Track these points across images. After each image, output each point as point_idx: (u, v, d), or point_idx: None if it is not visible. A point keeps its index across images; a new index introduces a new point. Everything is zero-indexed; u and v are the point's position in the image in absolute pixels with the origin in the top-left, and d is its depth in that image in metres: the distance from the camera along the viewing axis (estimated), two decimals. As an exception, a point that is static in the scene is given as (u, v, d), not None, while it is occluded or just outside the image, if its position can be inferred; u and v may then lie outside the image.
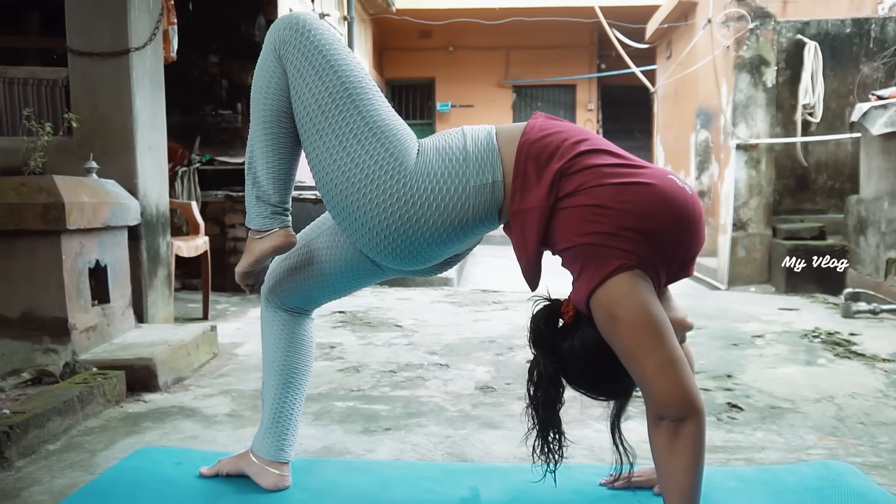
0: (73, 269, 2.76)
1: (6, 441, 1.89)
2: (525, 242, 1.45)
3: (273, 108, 1.54)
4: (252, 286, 1.72)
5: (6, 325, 2.72)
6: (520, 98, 11.65)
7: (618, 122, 11.86)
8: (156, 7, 3.50)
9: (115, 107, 3.28)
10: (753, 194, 5.66)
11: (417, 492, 1.74)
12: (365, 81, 1.50)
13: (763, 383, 2.78)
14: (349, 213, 1.47)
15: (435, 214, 1.44)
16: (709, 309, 4.56)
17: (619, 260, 1.35)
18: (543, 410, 1.53)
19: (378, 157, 1.44)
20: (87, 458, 1.99)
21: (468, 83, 11.45)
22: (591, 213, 1.37)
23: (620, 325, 1.35)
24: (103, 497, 1.70)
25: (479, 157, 1.46)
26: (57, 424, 2.13)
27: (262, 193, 1.59)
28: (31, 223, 2.64)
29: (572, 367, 1.50)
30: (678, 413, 1.33)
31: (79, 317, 2.78)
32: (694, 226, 1.41)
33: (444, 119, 11.64)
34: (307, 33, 1.49)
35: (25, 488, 1.77)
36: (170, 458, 1.94)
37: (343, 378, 2.91)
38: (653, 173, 1.41)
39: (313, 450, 2.09)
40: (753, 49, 5.65)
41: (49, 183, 2.67)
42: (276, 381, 1.78)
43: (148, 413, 2.42)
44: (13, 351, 2.69)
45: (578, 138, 1.45)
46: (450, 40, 11.34)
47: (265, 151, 1.57)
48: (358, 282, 1.74)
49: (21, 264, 2.70)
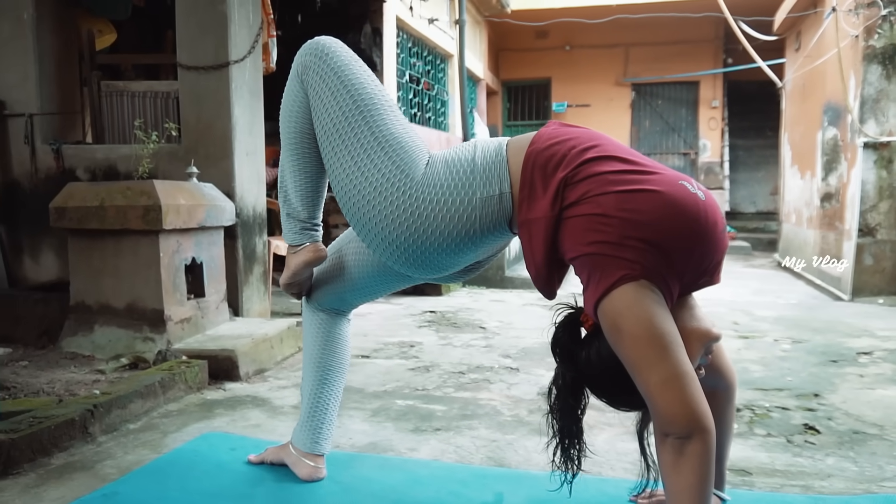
0: (170, 265, 3.03)
1: (90, 418, 2.12)
2: (533, 252, 1.44)
3: (297, 130, 1.64)
4: (298, 294, 1.83)
5: (113, 314, 3.04)
6: (639, 96, 11.25)
7: (746, 120, 11.15)
8: (255, 22, 3.75)
9: (216, 116, 3.54)
10: (883, 197, 5.15)
11: (443, 493, 1.76)
12: (377, 99, 1.55)
13: (853, 405, 2.55)
14: (364, 225, 1.53)
15: (441, 225, 1.46)
16: (818, 321, 4.22)
17: (622, 270, 1.31)
18: (563, 419, 1.52)
19: (386, 172, 1.49)
20: (159, 438, 2.19)
21: (585, 82, 11.22)
22: (595, 223, 1.34)
23: (625, 337, 1.31)
24: (160, 475, 1.86)
25: (487, 169, 1.47)
26: (138, 406, 2.35)
27: (292, 210, 1.70)
28: (133, 223, 2.92)
29: (589, 376, 1.47)
30: (682, 430, 1.27)
31: (174, 309, 3.04)
32: (707, 234, 1.34)
33: (561, 119, 11.49)
34: (325, 57, 1.58)
35: (100, 461, 1.98)
36: (226, 444, 2.09)
37: (411, 377, 2.99)
38: (661, 179, 1.35)
39: (360, 445, 2.17)
40: (886, 38, 5.14)
41: (149, 187, 2.95)
42: (313, 378, 1.87)
43: (223, 401, 2.61)
44: (118, 338, 2.99)
45: (587, 145, 1.42)
46: (566, 39, 11.17)
47: (293, 171, 1.67)
48: (386, 286, 1.80)
49: (126, 260, 3.00)
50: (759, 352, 3.41)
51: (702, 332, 1.42)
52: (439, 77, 8.14)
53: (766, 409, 2.51)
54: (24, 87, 3.81)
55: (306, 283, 1.83)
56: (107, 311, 3.04)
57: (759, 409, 2.51)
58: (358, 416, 2.45)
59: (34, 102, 3.81)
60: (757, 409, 2.51)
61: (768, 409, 2.52)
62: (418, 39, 7.26)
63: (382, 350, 3.50)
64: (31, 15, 3.78)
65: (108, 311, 3.04)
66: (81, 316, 3.07)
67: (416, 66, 7.30)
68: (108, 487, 1.77)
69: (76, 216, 2.98)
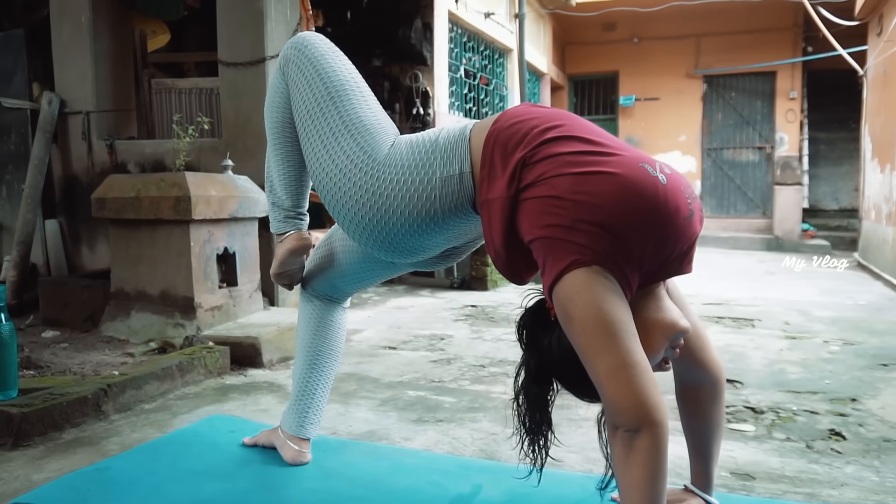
0: (201, 254, 3.13)
1: (104, 397, 2.22)
2: (492, 234, 1.40)
3: (279, 121, 1.67)
4: (289, 285, 1.86)
5: (149, 301, 3.17)
6: (711, 88, 10.80)
7: (827, 112, 10.52)
8: (293, 18, 3.83)
9: (253, 110, 3.64)
10: (966, 191, 4.75)
11: (422, 482, 1.75)
12: (348, 85, 1.55)
13: (891, 412, 2.36)
14: (336, 209, 1.53)
15: (402, 205, 1.45)
16: (882, 323, 3.94)
17: (573, 255, 1.25)
18: (529, 408, 1.47)
19: (351, 154, 1.49)
20: (168, 419, 2.27)
21: (654, 75, 10.86)
22: (549, 205, 1.29)
23: (574, 324, 1.26)
24: (155, 453, 1.92)
25: (448, 149, 1.45)
26: (154, 388, 2.44)
27: (276, 199, 1.73)
28: (165, 213, 3.04)
29: (552, 364, 1.42)
30: (630, 422, 1.21)
31: (204, 297, 3.14)
32: (666, 220, 1.25)
33: (628, 113, 11.18)
34: (304, 49, 1.60)
35: (106, 438, 2.07)
36: (227, 426, 2.14)
37: (431, 369, 2.98)
38: (620, 161, 1.28)
39: (357, 433, 2.18)
40: (970, 18, 4.73)
41: (181, 178, 3.06)
42: (303, 362, 1.89)
43: (240, 386, 2.68)
44: (151, 324, 3.12)
45: (550, 125, 1.36)
46: (634, 31, 10.85)
47: (277, 161, 1.70)
48: (374, 273, 1.80)
49: (160, 249, 3.12)
50: (802, 353, 3.21)
51: (666, 324, 1.34)
52: (497, 72, 8.08)
53: (792, 413, 2.36)
54: (81, 86, 4.03)
55: (297, 274, 1.85)
56: (143, 298, 3.18)
57: (785, 413, 2.36)
58: (365, 405, 2.46)
59: (91, 101, 4.03)
60: (782, 413, 2.36)
61: (795, 412, 2.37)
62: (474, 34, 7.23)
63: (411, 342, 3.51)
64: (88, 18, 3.99)
65: (144, 297, 3.18)
66: (120, 302, 3.22)
67: (471, 61, 7.27)
68: (103, 462, 1.85)
69: (115, 206, 3.13)
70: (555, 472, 1.78)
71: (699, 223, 1.34)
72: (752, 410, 2.39)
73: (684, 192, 1.29)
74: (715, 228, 10.20)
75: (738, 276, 6.51)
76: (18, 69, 4.17)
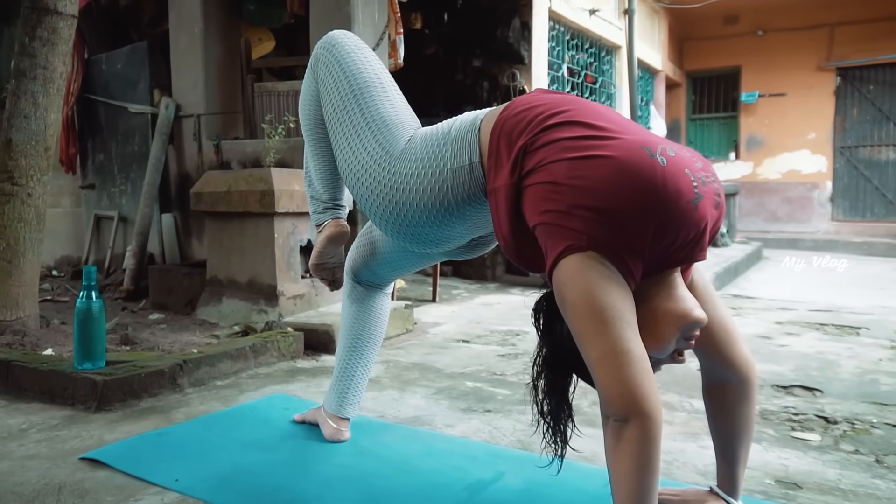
0: (285, 245, 3.33)
1: (179, 371, 2.43)
2: (499, 222, 1.41)
3: (312, 118, 1.77)
4: (332, 282, 1.95)
5: (238, 288, 3.41)
6: (845, 82, 9.95)
7: None
8: (381, 20, 3.97)
9: (340, 110, 3.81)
10: None
11: (447, 466, 1.78)
12: (371, 82, 1.62)
13: None
14: (362, 203, 1.61)
15: (417, 197, 1.49)
16: None
17: (568, 240, 1.24)
18: (546, 396, 1.47)
19: (371, 151, 1.56)
20: (235, 395, 2.44)
21: (780, 69, 10.18)
22: (547, 191, 1.29)
23: (568, 310, 1.26)
24: (211, 423, 2.09)
25: (458, 140, 1.48)
26: (228, 366, 2.63)
27: (314, 192, 1.84)
28: (252, 207, 3.26)
29: (559, 350, 1.42)
30: (619, 412, 1.19)
31: (287, 286, 3.34)
32: (665, 203, 1.20)
33: (751, 111, 10.55)
34: (331, 48, 1.69)
35: (176, 408, 2.26)
36: (283, 404, 2.28)
37: (496, 362, 3.00)
38: (619, 144, 1.26)
39: (403, 417, 2.24)
40: None
41: (267, 174, 3.27)
42: (345, 344, 1.98)
43: (310, 369, 2.83)
44: (239, 309, 3.35)
45: (556, 111, 1.36)
46: (759, 23, 10.22)
47: (313, 157, 1.81)
48: (410, 261, 1.86)
49: (249, 240, 3.35)
50: (906, 364, 2.93)
51: (678, 314, 1.30)
52: (604, 69, 7.91)
53: (870, 425, 2.17)
54: (194, 91, 4.39)
55: (338, 271, 1.94)
56: (233, 285, 3.42)
57: (861, 424, 2.18)
58: (420, 393, 2.52)
59: (202, 104, 4.37)
60: (858, 424, 2.18)
61: (874, 424, 2.18)
62: (578, 31, 7.13)
63: (485, 336, 3.54)
64: (200, 28, 4.34)
65: (234, 285, 3.42)
66: (214, 289, 3.49)
67: (575, 59, 7.17)
68: (164, 429, 2.03)
69: (210, 200, 3.39)
70: (579, 465, 1.76)
71: (713, 208, 1.28)
72: (825, 420, 2.22)
73: (689, 176, 1.25)
74: (847, 233, 9.41)
75: (862, 284, 6.00)
76: (142, 78, 4.61)
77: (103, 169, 5.00)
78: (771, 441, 2.03)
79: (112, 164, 4.92)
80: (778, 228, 10.13)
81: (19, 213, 2.80)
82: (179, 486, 1.63)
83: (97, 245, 5.06)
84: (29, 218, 2.83)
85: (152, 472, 1.70)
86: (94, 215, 5.03)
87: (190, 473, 1.70)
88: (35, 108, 2.78)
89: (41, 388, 2.29)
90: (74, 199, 5.45)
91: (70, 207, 5.53)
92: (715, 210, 1.29)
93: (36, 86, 2.77)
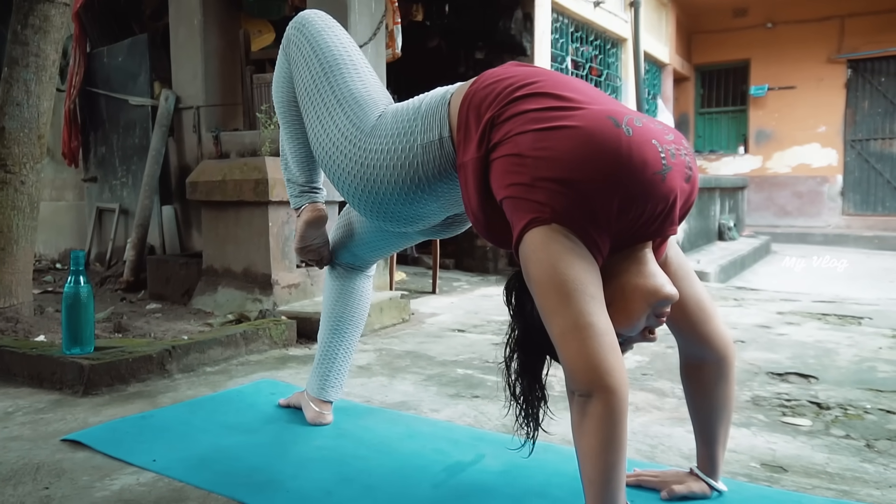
0: (279, 234, 3.33)
1: (168, 357, 2.43)
2: (468, 197, 1.39)
3: (285, 100, 1.75)
4: (319, 261, 1.94)
5: (233, 277, 3.41)
6: (856, 74, 9.84)
7: None
8: (378, 10, 3.95)
9: (337, 100, 3.80)
10: None
11: (428, 449, 1.77)
12: (341, 59, 1.60)
13: None
14: (335, 182, 1.59)
15: (387, 173, 1.47)
16: None
17: (532, 213, 1.21)
18: (518, 377, 1.45)
19: (342, 127, 1.54)
20: (224, 381, 2.44)
21: (789, 62, 10.08)
22: (512, 164, 1.26)
23: (532, 284, 1.23)
24: (196, 407, 2.09)
25: (428, 115, 1.45)
26: (218, 353, 2.63)
27: (291, 176, 1.82)
28: (247, 195, 3.26)
29: (530, 331, 1.40)
30: (582, 387, 1.16)
31: (282, 275, 3.33)
32: (628, 173, 1.17)
33: (760, 104, 10.44)
34: (302, 28, 1.67)
35: (163, 393, 2.26)
36: (270, 389, 2.28)
37: (489, 350, 2.97)
38: (584, 115, 1.23)
39: (390, 402, 2.23)
40: None
41: (261, 163, 3.26)
42: (326, 327, 1.97)
43: (301, 357, 2.82)
44: (234, 298, 3.35)
45: (524, 82, 1.33)
46: (768, 16, 10.13)
47: (288, 139, 1.79)
48: (388, 241, 1.85)
49: (243, 229, 3.35)
50: (906, 353, 2.88)
51: (647, 290, 1.27)
52: (610, 62, 7.86)
53: (863, 411, 2.13)
54: (193, 83, 4.40)
55: (324, 249, 1.93)
56: (228, 275, 3.42)
57: (854, 410, 2.14)
58: (409, 380, 2.51)
59: (201, 96, 4.38)
60: (850, 410, 2.14)
61: (867, 410, 2.14)
62: (582, 24, 7.08)
63: (481, 326, 3.52)
64: (199, 20, 4.35)
65: (230, 274, 3.42)
66: (210, 278, 3.49)
67: (580, 52, 7.13)
68: (149, 412, 2.03)
69: (205, 189, 3.39)
70: (559, 447, 1.75)
71: (683, 181, 1.25)
72: (818, 406, 2.19)
73: (656, 147, 1.21)
74: (858, 227, 9.31)
75: (871, 277, 5.93)
76: (142, 70, 4.62)
77: (105, 161, 5.02)
78: (760, 426, 2.00)
79: (113, 156, 4.94)
80: (787, 223, 10.03)
81: (12, 201, 2.81)
82: (156, 466, 1.63)
83: (99, 237, 5.09)
84: (22, 206, 2.84)
85: (131, 453, 1.70)
86: (97, 208, 5.05)
87: (168, 454, 1.69)
88: (28, 95, 2.79)
89: (30, 372, 2.30)
90: (78, 193, 5.49)
91: (74, 201, 5.57)
92: (686, 183, 1.26)
93: (28, 73, 2.78)
